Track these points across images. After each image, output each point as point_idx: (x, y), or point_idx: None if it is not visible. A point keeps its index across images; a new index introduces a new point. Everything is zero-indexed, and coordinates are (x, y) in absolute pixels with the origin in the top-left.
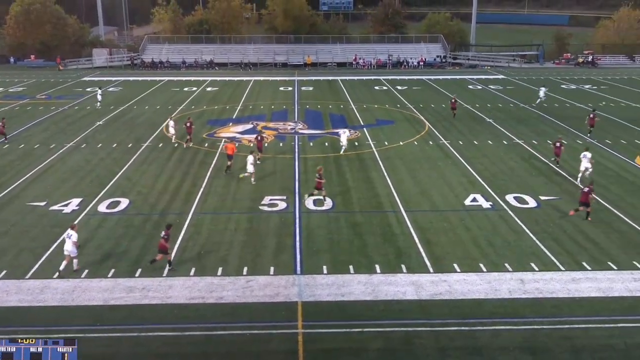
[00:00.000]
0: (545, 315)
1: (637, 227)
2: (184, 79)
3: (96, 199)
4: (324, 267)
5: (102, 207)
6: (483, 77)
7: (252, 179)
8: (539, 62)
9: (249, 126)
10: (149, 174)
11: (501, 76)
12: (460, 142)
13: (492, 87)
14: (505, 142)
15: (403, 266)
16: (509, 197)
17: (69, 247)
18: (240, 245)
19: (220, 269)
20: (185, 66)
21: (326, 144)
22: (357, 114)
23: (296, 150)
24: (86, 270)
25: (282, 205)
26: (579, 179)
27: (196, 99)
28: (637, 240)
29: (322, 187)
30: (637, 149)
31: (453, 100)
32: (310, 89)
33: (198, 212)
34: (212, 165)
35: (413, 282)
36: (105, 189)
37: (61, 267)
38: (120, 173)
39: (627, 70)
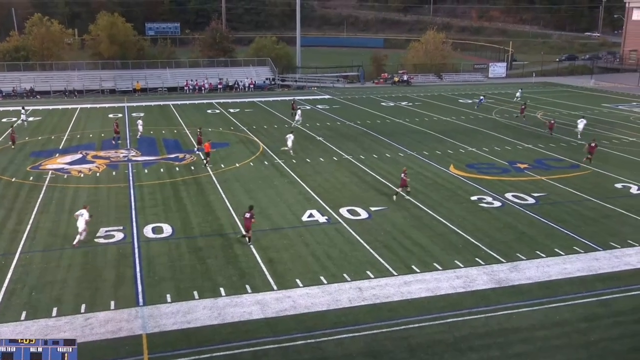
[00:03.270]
0: (383, 319)
1: (455, 229)
2: (1, 109)
3: None
4: (168, 295)
5: None
6: (311, 97)
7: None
8: (361, 82)
9: (78, 156)
10: None
11: (327, 96)
12: (294, 161)
13: (319, 106)
14: (336, 159)
15: (247, 286)
16: (343, 211)
17: (81, 225)
18: (76, 282)
19: (55, 309)
20: (1, 95)
21: (162, 169)
22: (191, 138)
23: (130, 178)
24: None
25: (119, 236)
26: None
27: (17, 130)
28: (456, 241)
29: (407, 185)
30: (450, 158)
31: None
32: (142, 114)
33: (26, 250)
34: (40, 200)
35: (258, 301)
36: None
37: (75, 242)
38: None
39: (436, 87)
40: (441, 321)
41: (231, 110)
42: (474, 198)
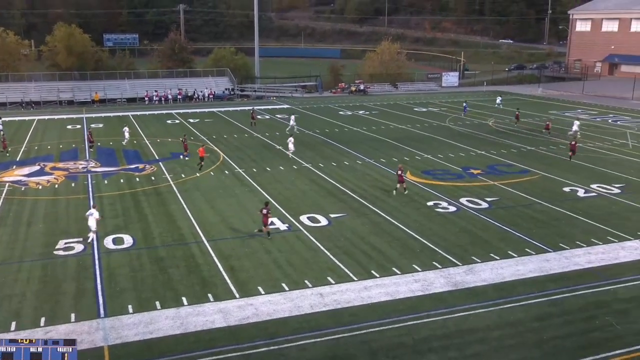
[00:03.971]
0: (345, 324)
1: (412, 234)
2: None
3: None
4: (129, 306)
5: None
6: (270, 107)
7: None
8: (319, 91)
9: (35, 168)
10: None
11: (286, 105)
12: (254, 170)
13: (279, 116)
14: (296, 167)
15: (210, 295)
16: (303, 218)
17: (93, 224)
18: (35, 295)
19: (13, 324)
20: None
21: (122, 180)
22: (151, 148)
23: (90, 189)
24: None
25: (79, 247)
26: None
27: None
28: (414, 246)
29: (403, 181)
30: (407, 165)
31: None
32: (101, 125)
33: None
34: None
35: (221, 309)
36: None
37: (89, 240)
38: None
39: (392, 96)
40: (401, 324)
41: (191, 121)
42: (430, 203)
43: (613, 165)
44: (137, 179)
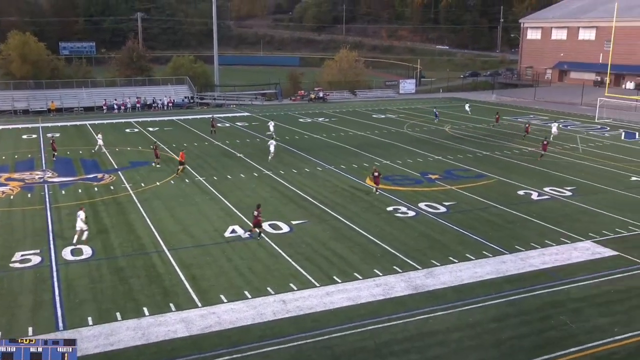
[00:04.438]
0: (307, 330)
1: (373, 239)
2: None
3: None
4: (89, 318)
5: None
6: (230, 115)
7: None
8: (278, 99)
9: None
10: None
11: (246, 113)
12: (215, 178)
13: (239, 124)
14: (256, 174)
15: (172, 305)
16: (265, 225)
17: (80, 224)
18: None
19: None
20: None
21: (80, 190)
22: (109, 157)
23: (47, 200)
24: None
25: (36, 259)
26: (551, 137)
27: None
28: (374, 251)
29: (379, 183)
30: (366, 171)
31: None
32: (57, 135)
33: None
34: None
35: (183, 319)
36: None
37: (74, 240)
38: None
39: (351, 103)
40: (363, 329)
41: (150, 129)
42: (389, 209)
43: (565, 169)
44: (96, 189)
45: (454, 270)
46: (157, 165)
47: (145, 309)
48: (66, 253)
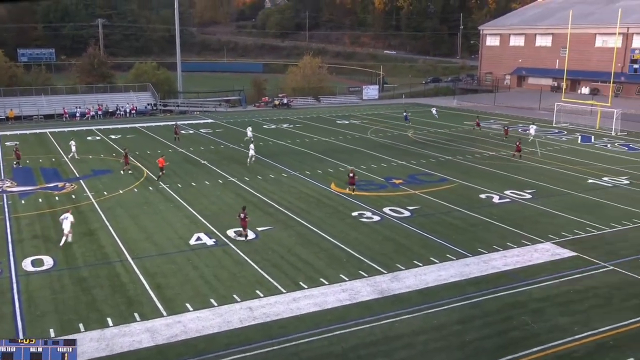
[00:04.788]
0: (274, 336)
1: (339, 244)
2: None
3: None
4: (51, 330)
5: None
6: (194, 122)
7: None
8: (242, 105)
9: None
10: None
11: (210, 120)
12: (179, 185)
13: (202, 130)
14: (221, 181)
15: (136, 314)
16: (230, 232)
17: (67, 227)
18: None
19: None
20: None
21: (40, 200)
22: (71, 166)
23: (6, 210)
24: None
25: None
26: (530, 138)
27: None
28: (340, 255)
29: (354, 183)
30: (331, 177)
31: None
32: (16, 143)
33: None
34: None
35: (148, 328)
36: None
37: (61, 243)
38: None
39: (315, 109)
40: (329, 334)
41: (112, 137)
42: (354, 214)
43: (524, 172)
44: (57, 198)
45: (419, 274)
46: (129, 172)
47: (109, 319)
48: (26, 264)
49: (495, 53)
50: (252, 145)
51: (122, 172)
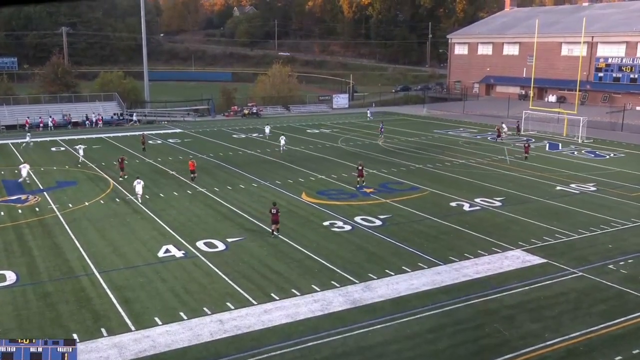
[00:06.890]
0: (246, 349)
1: (310, 254)
2: None
3: None
4: None
5: None
6: (162, 131)
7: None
8: (211, 115)
9: None
10: None
11: (179, 130)
12: (147, 196)
13: (171, 140)
14: (190, 192)
15: (103, 330)
16: (200, 244)
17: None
18: None
19: None
20: None
21: (2, 213)
22: (34, 177)
23: None
24: None
25: None
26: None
27: None
28: (312, 266)
29: (363, 175)
30: (302, 186)
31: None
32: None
33: None
34: None
35: (115, 344)
36: None
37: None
38: None
39: (285, 118)
40: (302, 345)
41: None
42: (326, 223)
43: (494, 180)
44: (20, 211)
45: (391, 283)
46: (125, 177)
47: (75, 335)
48: None
49: (464, 61)
50: (282, 137)
51: (120, 179)
